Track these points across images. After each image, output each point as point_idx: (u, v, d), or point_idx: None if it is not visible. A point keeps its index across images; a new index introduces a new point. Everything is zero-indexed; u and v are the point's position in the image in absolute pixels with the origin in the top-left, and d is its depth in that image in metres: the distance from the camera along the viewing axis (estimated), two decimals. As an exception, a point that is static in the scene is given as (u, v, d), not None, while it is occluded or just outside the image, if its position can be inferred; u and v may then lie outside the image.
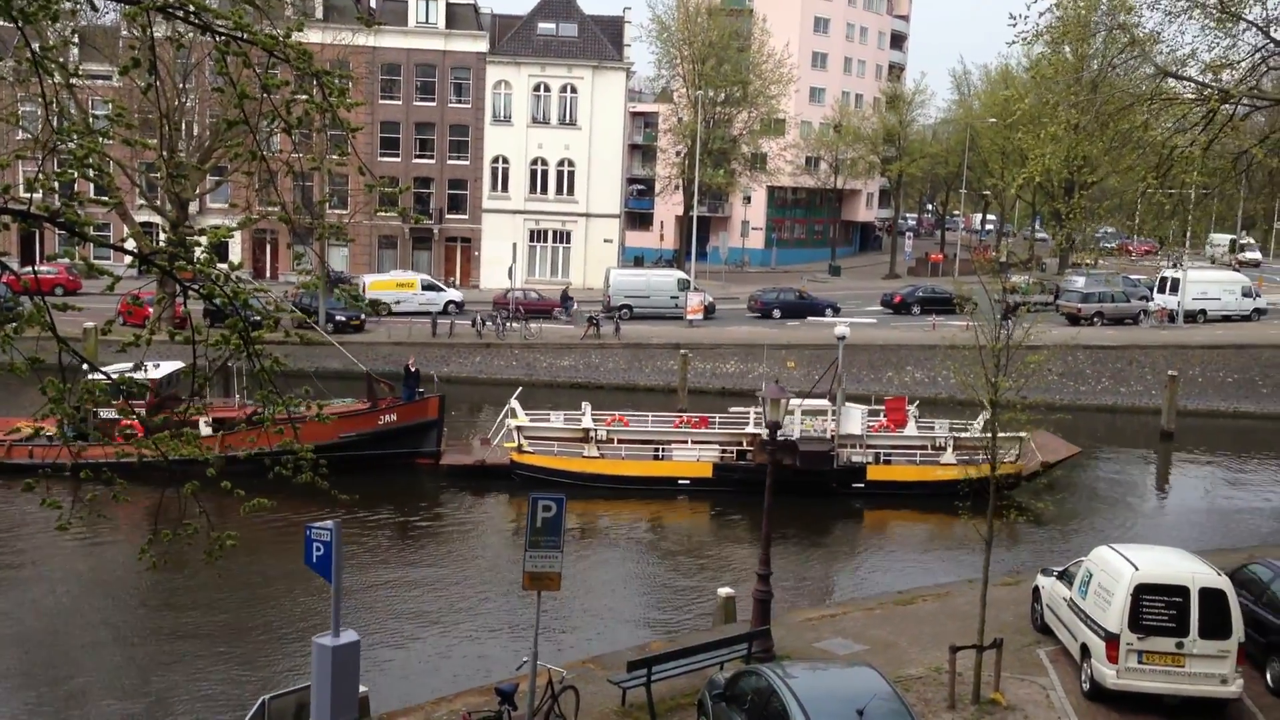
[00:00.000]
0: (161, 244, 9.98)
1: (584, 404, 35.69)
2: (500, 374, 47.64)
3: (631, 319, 57.56)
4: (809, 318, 60.85)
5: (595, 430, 33.78)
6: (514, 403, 34.92)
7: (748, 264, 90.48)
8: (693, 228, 69.21)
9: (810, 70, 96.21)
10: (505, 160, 71.03)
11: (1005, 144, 73.84)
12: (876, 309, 65.38)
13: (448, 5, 70.04)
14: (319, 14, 64.56)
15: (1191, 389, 48.04)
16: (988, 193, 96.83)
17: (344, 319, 52.14)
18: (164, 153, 44.98)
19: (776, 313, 61.22)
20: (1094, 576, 18.05)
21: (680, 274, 64.00)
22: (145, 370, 35.75)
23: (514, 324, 53.82)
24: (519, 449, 33.59)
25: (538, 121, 70.79)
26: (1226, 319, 60.95)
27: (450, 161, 70.80)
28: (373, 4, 70.03)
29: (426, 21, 69.64)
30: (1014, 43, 24.30)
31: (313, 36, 54.12)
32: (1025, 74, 54.27)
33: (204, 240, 9.35)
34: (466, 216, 71.37)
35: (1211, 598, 16.67)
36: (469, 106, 70.41)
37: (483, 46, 70.07)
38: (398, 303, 56.21)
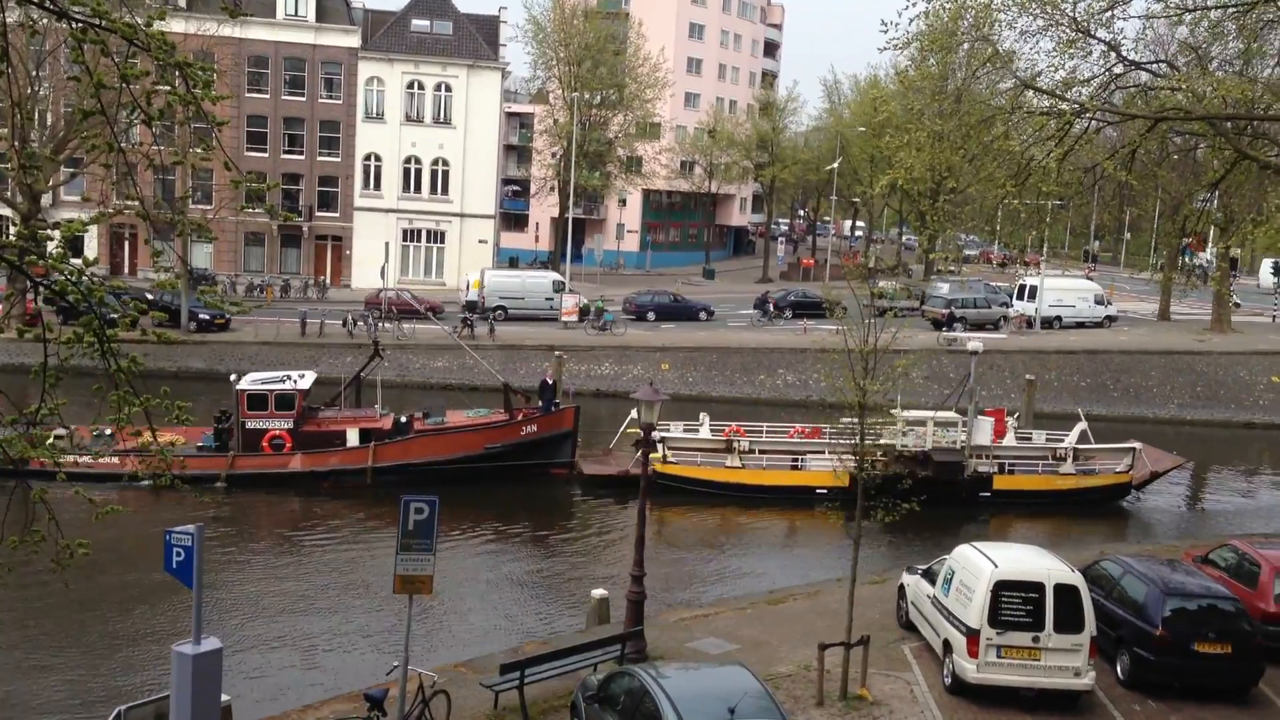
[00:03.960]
0: (11, 238, 9.53)
1: (702, 415, 36.71)
2: (371, 374, 46.79)
3: (506, 320, 57.26)
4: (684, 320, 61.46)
5: (738, 441, 34.63)
6: (635, 413, 34.97)
7: (623, 266, 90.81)
8: (568, 229, 69.18)
9: (685, 75, 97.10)
10: (378, 158, 69.87)
11: (874, 151, 75.67)
12: (750, 312, 66.29)
13: (318, -2, 68.64)
14: (182, 2, 62.58)
15: (1048, 392, 49.88)
16: (857, 200, 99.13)
17: (207, 318, 50.74)
18: (15, 143, 43.08)
19: (651, 315, 61.61)
20: (956, 574, 18.57)
21: (555, 275, 63.93)
22: (293, 381, 35.77)
23: (386, 324, 53.01)
24: (663, 459, 33.94)
25: (411, 119, 69.85)
26: (1080, 325, 63.49)
27: (320, 158, 69.31)
28: (240, -6, 68.12)
29: (295, 14, 68.03)
30: (885, 49, 24.88)
31: (175, 26, 52.39)
32: (893, 84, 55.69)
33: (57, 234, 8.97)
34: (338, 215, 69.97)
35: (1066, 593, 17.29)
36: (340, 102, 69.06)
37: (354, 41, 68.80)
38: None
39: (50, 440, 10.13)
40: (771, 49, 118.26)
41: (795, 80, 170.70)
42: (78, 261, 8.95)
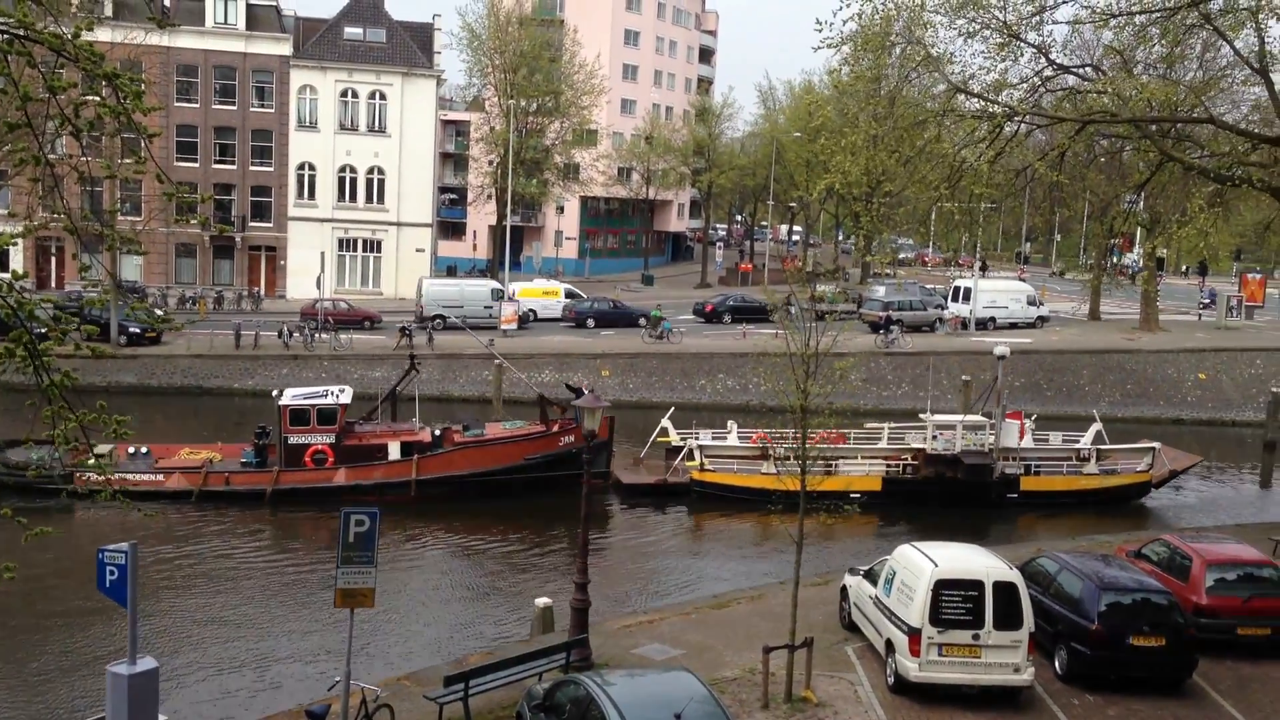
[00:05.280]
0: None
1: (730, 422, 37.22)
2: (309, 385, 46.27)
3: (445, 329, 56.90)
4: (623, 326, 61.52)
5: (772, 449, 34.65)
6: (666, 422, 35.88)
7: (561, 274, 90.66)
8: (506, 237, 68.93)
9: (621, 82, 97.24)
10: (312, 167, 69.12)
11: (810, 156, 76.23)
12: (689, 318, 66.46)
13: (248, 6, 67.66)
14: (108, 11, 61.48)
15: (984, 392, 50.54)
16: (794, 204, 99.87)
17: (138, 331, 49.86)
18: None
19: (591, 322, 61.58)
20: (897, 574, 18.75)
21: (494, 283, 63.69)
22: (334, 395, 35.64)
23: (323, 335, 52.46)
24: (701, 467, 34.53)
25: (346, 128, 69.22)
26: (1014, 326, 64.48)
27: (253, 167, 68.41)
28: (166, 2, 67.02)
29: (225, 22, 67.12)
30: (820, 48, 25.11)
31: (102, 35, 51.50)
32: (828, 88, 56.16)
33: (-17, 249, 8.78)
34: (271, 225, 69.09)
35: (1004, 591, 17.53)
36: (272, 111, 68.23)
37: (286, 49, 68.04)
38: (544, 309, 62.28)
39: (91, 460, 10.01)
40: (706, 55, 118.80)
41: (730, 86, 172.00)
42: (5, 275, 8.76)
